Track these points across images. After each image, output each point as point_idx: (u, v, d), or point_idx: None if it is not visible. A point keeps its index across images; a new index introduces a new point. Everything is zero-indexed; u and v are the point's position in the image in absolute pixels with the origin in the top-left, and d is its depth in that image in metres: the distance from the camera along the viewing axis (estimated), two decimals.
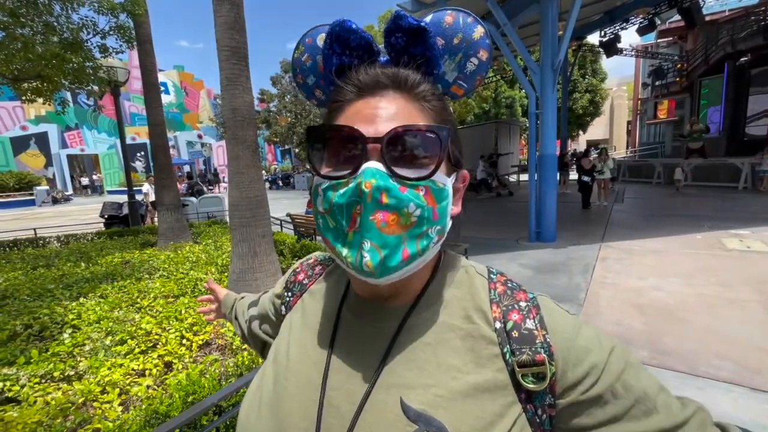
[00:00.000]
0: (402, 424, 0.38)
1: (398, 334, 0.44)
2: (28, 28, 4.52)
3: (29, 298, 3.41)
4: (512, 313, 0.43)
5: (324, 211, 0.41)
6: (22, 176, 21.03)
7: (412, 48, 0.43)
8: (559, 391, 0.40)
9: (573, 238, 6.52)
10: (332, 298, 0.52)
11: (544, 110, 6.23)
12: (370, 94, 0.42)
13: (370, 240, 0.37)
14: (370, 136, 0.39)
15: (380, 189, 0.37)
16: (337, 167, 0.41)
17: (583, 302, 3.88)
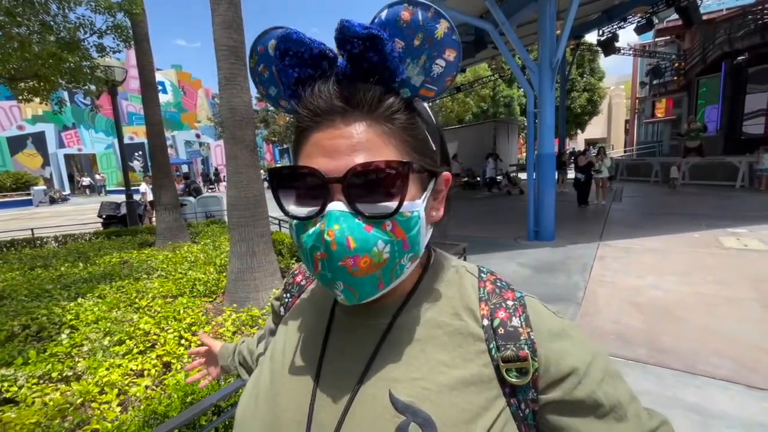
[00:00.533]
0: (390, 416, 0.39)
1: (388, 332, 0.45)
2: (24, 28, 4.50)
3: (27, 299, 3.40)
4: (499, 311, 0.44)
5: (298, 246, 0.43)
6: (19, 176, 20.93)
7: (370, 54, 0.37)
8: (542, 386, 0.41)
9: (571, 237, 6.53)
10: (326, 298, 0.52)
11: (542, 109, 6.24)
12: (327, 122, 0.39)
13: (343, 282, 0.39)
14: (330, 176, 0.38)
15: (345, 235, 0.36)
16: (304, 205, 0.41)
17: (582, 301, 3.89)
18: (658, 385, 2.49)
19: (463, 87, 18.57)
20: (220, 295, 3.62)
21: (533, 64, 6.16)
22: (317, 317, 0.51)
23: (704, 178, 12.20)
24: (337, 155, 0.38)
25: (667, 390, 2.43)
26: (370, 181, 0.38)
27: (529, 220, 6.61)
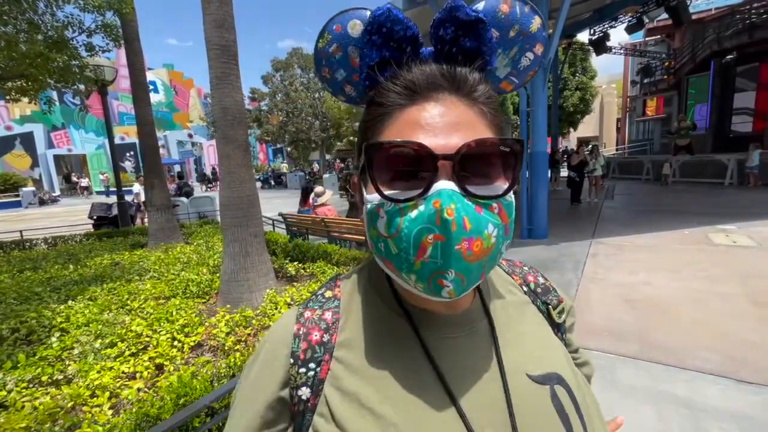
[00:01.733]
0: (540, 394, 0.42)
1: (493, 330, 0.46)
2: (11, 26, 4.42)
3: (16, 302, 3.35)
4: (527, 276, 0.55)
5: (388, 236, 0.37)
6: (7, 177, 20.60)
7: (464, 41, 0.38)
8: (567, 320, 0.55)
9: (564, 235, 6.58)
10: (390, 332, 0.44)
11: (534, 108, 6.28)
12: (425, 98, 0.37)
13: (455, 270, 0.35)
14: (440, 153, 0.35)
15: (461, 215, 0.34)
16: (402, 187, 0.37)
17: (574, 298, 3.92)
18: (650, 379, 2.52)
19: None
20: (214, 296, 3.59)
21: None
22: (399, 358, 0.42)
23: (694, 175, 12.38)
24: (445, 132, 0.36)
25: (659, 384, 2.46)
26: (483, 159, 0.37)
27: (522, 218, 6.65)
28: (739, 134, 14.42)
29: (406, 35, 0.38)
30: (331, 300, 0.47)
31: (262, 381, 0.43)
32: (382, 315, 0.45)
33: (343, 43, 0.41)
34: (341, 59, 0.42)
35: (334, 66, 0.43)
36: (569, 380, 0.44)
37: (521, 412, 0.40)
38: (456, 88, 0.38)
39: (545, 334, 0.49)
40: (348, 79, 0.43)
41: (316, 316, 0.45)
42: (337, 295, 0.48)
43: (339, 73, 0.43)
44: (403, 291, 0.45)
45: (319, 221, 5.91)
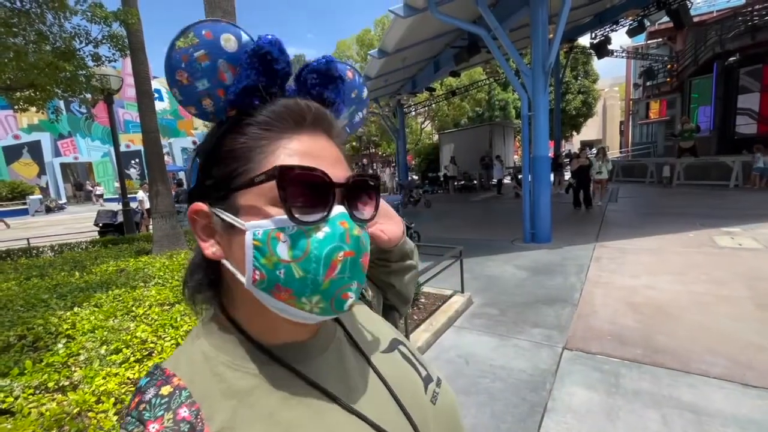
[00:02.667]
0: (395, 357, 0.52)
1: (349, 333, 0.51)
2: (20, 38, 4.52)
3: (23, 309, 3.38)
4: None
5: (291, 260, 0.36)
6: (15, 185, 20.86)
7: (324, 90, 0.43)
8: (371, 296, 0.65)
9: (568, 239, 6.56)
10: (266, 388, 0.40)
11: (536, 112, 6.29)
12: (309, 132, 0.40)
13: (358, 281, 0.40)
14: (337, 181, 0.39)
15: (361, 233, 0.40)
16: (308, 210, 0.38)
17: (578, 302, 3.91)
18: (654, 384, 2.51)
19: (459, 91, 18.67)
20: None
21: (526, 68, 6.23)
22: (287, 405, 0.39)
23: (699, 177, 12.30)
24: (333, 164, 0.40)
25: (663, 389, 2.45)
26: (360, 190, 0.43)
27: (525, 222, 6.64)
28: (743, 136, 14.33)
29: (284, 70, 0.41)
30: (174, 395, 0.37)
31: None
32: (252, 374, 0.40)
33: (213, 53, 0.39)
34: (207, 69, 0.40)
35: (197, 74, 0.40)
36: (401, 338, 0.55)
37: (393, 383, 0.47)
38: (328, 128, 0.43)
39: (369, 313, 0.58)
40: (210, 92, 0.41)
41: (169, 423, 0.35)
42: (179, 385, 0.38)
43: (201, 82, 0.40)
44: (259, 335, 0.42)
45: None
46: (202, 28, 0.40)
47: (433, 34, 8.87)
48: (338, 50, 27.61)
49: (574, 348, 3.04)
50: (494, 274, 5.07)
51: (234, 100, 0.40)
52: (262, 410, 0.38)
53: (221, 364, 0.40)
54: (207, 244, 0.41)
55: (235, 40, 0.40)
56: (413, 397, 0.47)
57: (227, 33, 0.40)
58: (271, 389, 0.40)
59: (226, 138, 0.40)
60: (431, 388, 0.50)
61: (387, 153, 31.68)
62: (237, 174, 0.38)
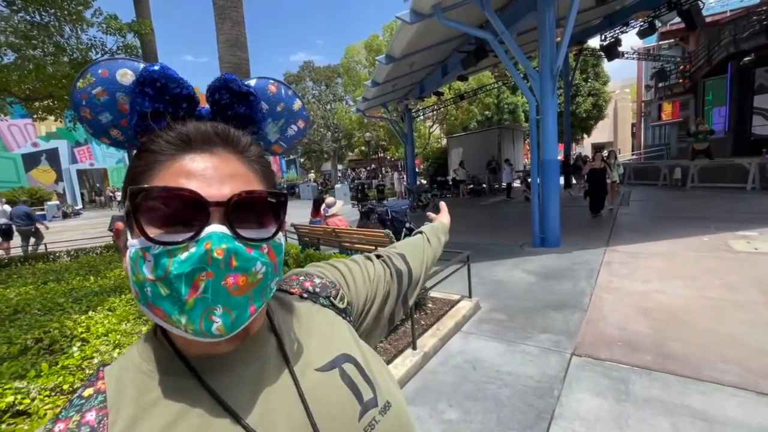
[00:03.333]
0: (332, 377, 0.48)
1: (282, 344, 0.48)
2: (39, 50, 4.68)
3: (40, 312, 3.48)
4: (304, 284, 0.59)
5: (155, 279, 0.37)
6: (34, 192, 21.45)
7: (237, 107, 0.45)
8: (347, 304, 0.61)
9: (578, 243, 6.49)
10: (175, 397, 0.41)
11: (544, 116, 6.27)
12: (199, 150, 0.41)
13: (222, 305, 0.38)
14: (213, 200, 0.38)
15: (230, 253, 0.38)
16: (171, 231, 0.38)
17: (587, 307, 3.86)
18: (665, 391, 2.47)
19: (467, 95, 18.66)
20: None
21: (534, 72, 6.21)
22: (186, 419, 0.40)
23: (714, 180, 12.05)
24: (218, 182, 0.40)
25: (674, 397, 2.40)
26: (254, 207, 0.42)
27: (534, 226, 6.59)
28: (759, 137, 14.02)
29: (182, 93, 0.43)
30: (92, 398, 0.41)
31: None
32: (160, 382, 0.42)
33: (110, 88, 0.43)
34: (107, 103, 0.44)
35: (98, 108, 0.44)
36: (355, 354, 0.52)
37: (316, 404, 0.45)
38: (230, 145, 0.43)
39: (330, 324, 0.55)
40: (115, 123, 0.45)
41: (73, 425, 0.38)
42: (100, 389, 0.42)
43: (104, 115, 0.44)
44: (182, 345, 0.44)
45: (330, 231, 5.98)
46: (98, 68, 0.43)
47: (440, 39, 8.91)
48: (347, 55, 27.86)
49: (583, 354, 3.01)
50: (502, 278, 5.04)
51: (134, 127, 0.43)
52: (159, 421, 0.39)
53: (141, 372, 0.43)
54: (123, 261, 0.42)
55: (132, 74, 0.43)
56: (337, 423, 0.45)
57: (124, 69, 0.43)
58: (175, 400, 0.41)
59: (132, 163, 0.43)
60: (370, 415, 0.47)
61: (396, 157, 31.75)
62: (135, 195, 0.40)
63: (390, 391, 0.51)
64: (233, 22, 3.31)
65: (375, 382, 0.50)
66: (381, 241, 5.53)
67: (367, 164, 33.10)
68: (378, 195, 16.64)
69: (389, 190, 19.27)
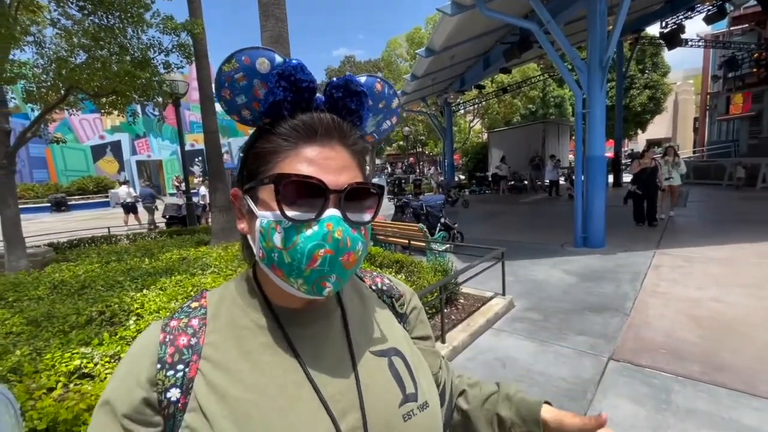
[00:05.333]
0: (380, 362, 0.53)
1: (345, 317, 0.55)
2: (106, 50, 5.11)
3: (103, 288, 3.85)
4: (375, 279, 0.66)
5: (283, 248, 0.45)
6: (100, 180, 23.54)
7: (349, 102, 0.50)
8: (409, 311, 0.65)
9: (624, 244, 6.14)
10: (257, 330, 0.50)
11: (591, 110, 5.95)
12: (321, 142, 0.47)
13: (336, 275, 0.46)
14: (332, 188, 0.45)
15: (346, 235, 0.45)
16: (299, 209, 0.45)
17: (630, 312, 3.67)
18: (712, 404, 2.30)
19: (510, 88, 18.03)
20: None
21: (582, 64, 5.90)
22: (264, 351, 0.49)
23: None
24: (336, 172, 0.47)
25: (722, 411, 2.24)
26: (359, 196, 0.49)
27: (576, 225, 6.31)
28: None
29: (308, 86, 0.48)
30: (197, 309, 0.53)
31: (131, 383, 0.46)
32: (249, 317, 0.51)
33: (249, 74, 0.48)
34: (245, 87, 0.49)
35: (237, 91, 0.49)
36: (405, 352, 0.57)
37: (365, 379, 0.51)
38: (342, 137, 0.49)
39: (387, 320, 0.61)
40: (248, 105, 0.50)
41: (182, 324, 0.50)
42: (203, 304, 0.53)
43: (240, 97, 0.49)
44: (271, 294, 0.53)
45: None
46: (242, 55, 0.48)
47: (482, 31, 8.68)
48: (389, 48, 27.81)
49: (621, 359, 2.87)
50: (539, 278, 4.88)
51: (265, 111, 0.49)
52: (243, 347, 0.49)
53: (235, 304, 0.53)
54: (239, 221, 0.53)
55: (269, 62, 0.48)
56: (379, 403, 0.49)
57: (262, 57, 0.48)
58: (258, 335, 0.50)
59: (258, 141, 0.50)
60: (410, 406, 0.51)
61: (434, 152, 31.41)
62: (259, 172, 0.49)
63: (431, 395, 0.55)
64: (276, 19, 3.45)
65: (418, 381, 0.54)
66: (415, 235, 5.54)
67: (405, 159, 33.02)
68: (415, 190, 16.60)
69: (426, 185, 19.15)
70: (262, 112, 0.50)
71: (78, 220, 14.83)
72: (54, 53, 5.16)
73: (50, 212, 19.70)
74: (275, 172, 0.46)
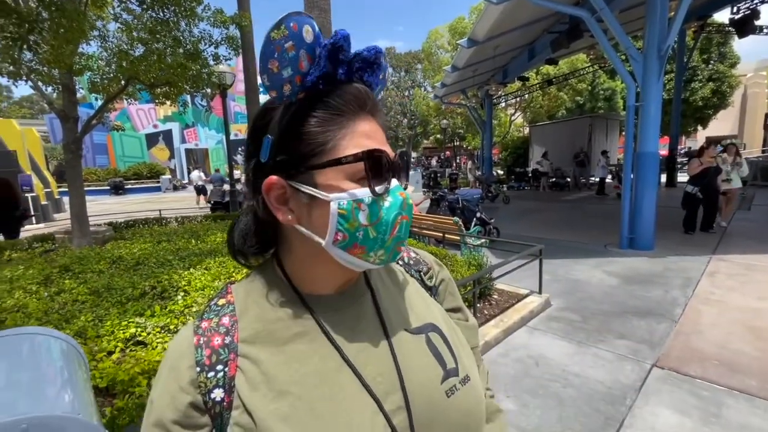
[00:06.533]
0: (418, 341, 0.52)
1: (375, 298, 0.54)
2: (161, 43, 5.43)
3: (155, 266, 4.15)
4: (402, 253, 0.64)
5: (369, 224, 0.44)
6: (153, 167, 25.22)
7: (369, 76, 0.48)
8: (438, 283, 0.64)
9: (675, 248, 5.75)
10: (289, 321, 0.49)
11: (645, 103, 5.57)
12: (369, 114, 0.47)
13: (406, 239, 0.50)
14: (393, 160, 0.47)
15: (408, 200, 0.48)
16: (380, 184, 0.46)
17: (679, 318, 3.44)
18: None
19: (556, 80, 17.20)
20: None
21: (637, 53, 5.52)
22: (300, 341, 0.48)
23: None
24: (385, 143, 0.48)
25: None
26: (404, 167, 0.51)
27: (622, 225, 5.97)
28: None
29: (347, 58, 0.45)
30: (225, 306, 0.51)
31: (174, 390, 0.46)
32: (279, 308, 0.50)
33: (297, 43, 0.42)
34: (292, 58, 0.42)
35: (284, 63, 0.42)
36: (442, 327, 0.56)
37: (403, 358, 0.50)
38: (378, 111, 0.50)
39: (420, 296, 0.59)
40: (291, 79, 0.43)
41: (213, 324, 0.49)
42: (230, 300, 0.52)
43: (286, 70, 0.43)
44: (299, 282, 0.51)
45: None
46: (290, 21, 0.42)
47: (529, 20, 8.34)
48: (430, 39, 27.39)
49: (666, 367, 2.71)
50: (580, 278, 4.69)
51: (308, 86, 0.44)
52: (278, 339, 0.48)
53: (264, 296, 0.51)
54: (278, 212, 0.47)
55: (312, 31, 0.43)
56: (420, 381, 0.48)
57: (307, 25, 0.43)
58: (290, 325, 0.49)
59: (300, 119, 0.44)
60: (451, 382, 0.50)
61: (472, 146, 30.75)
62: (316, 152, 0.44)
63: (471, 368, 0.54)
64: (320, 10, 3.51)
65: (459, 355, 0.53)
66: (449, 228, 5.49)
67: (442, 152, 32.58)
68: (450, 184, 16.37)
69: (462, 179, 18.81)
70: (302, 87, 0.44)
71: (133, 203, 15.98)
72: (116, 46, 5.55)
73: (109, 195, 21.40)
74: (353, 152, 0.44)
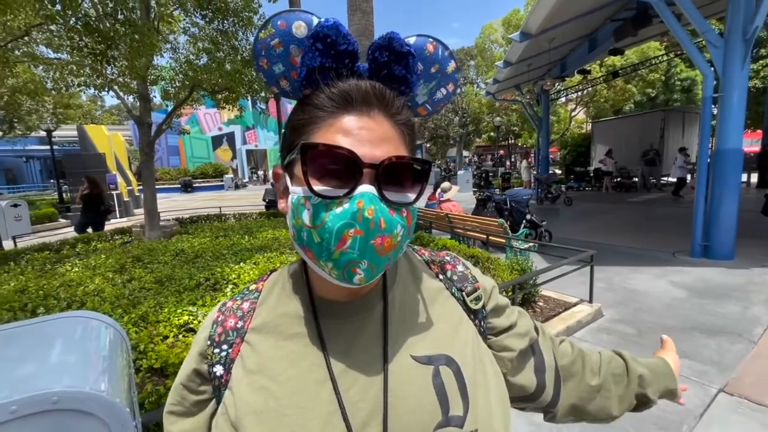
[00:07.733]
0: (423, 372, 0.46)
1: (386, 313, 0.49)
2: (222, 52, 5.85)
3: (210, 259, 4.50)
4: (446, 265, 0.57)
5: (312, 227, 0.41)
6: (217, 167, 27.38)
7: (395, 67, 0.43)
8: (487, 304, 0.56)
9: (760, 258, 5.05)
10: (294, 319, 0.49)
11: (727, 93, 4.95)
12: (358, 111, 0.42)
13: (368, 261, 0.40)
14: (366, 161, 0.40)
15: (379, 215, 0.39)
16: (329, 185, 0.41)
17: (758, 339, 3.02)
18: None
19: (623, 71, 15.83)
20: None
21: (716, 37, 4.92)
22: (295, 341, 0.48)
23: None
24: (372, 144, 0.41)
25: None
26: (399, 172, 0.43)
27: (695, 231, 5.37)
28: None
29: (347, 50, 0.42)
30: (253, 292, 0.53)
31: (190, 356, 0.51)
32: (292, 305, 0.50)
33: (285, 40, 0.43)
34: (281, 54, 0.44)
35: (273, 59, 0.44)
36: (462, 363, 0.47)
37: (396, 388, 0.44)
38: (384, 106, 0.43)
39: (451, 318, 0.52)
40: (285, 74, 0.45)
41: (235, 306, 0.52)
42: (259, 287, 0.54)
43: (277, 66, 0.45)
44: (314, 283, 0.50)
45: (443, 216, 6.00)
46: (278, 20, 0.44)
47: (589, 8, 7.76)
48: (483, 34, 26.66)
49: (736, 393, 2.40)
50: (639, 288, 4.29)
51: (303, 80, 0.44)
52: (280, 335, 0.48)
53: (284, 289, 0.52)
54: (280, 200, 0.49)
55: (306, 26, 0.43)
56: (408, 420, 0.43)
57: (299, 21, 0.43)
58: (295, 324, 0.49)
59: (294, 114, 0.46)
60: (449, 431, 0.43)
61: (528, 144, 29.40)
62: (294, 146, 0.44)
63: (489, 423, 0.46)
64: (363, 12, 3.56)
65: (473, 401, 0.45)
66: (494, 230, 5.30)
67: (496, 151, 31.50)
68: (503, 184, 15.78)
69: (516, 179, 18.05)
70: (300, 82, 0.44)
71: (199, 200, 17.42)
72: (184, 57, 6.09)
73: (180, 192, 23.55)
74: (299, 142, 0.42)
